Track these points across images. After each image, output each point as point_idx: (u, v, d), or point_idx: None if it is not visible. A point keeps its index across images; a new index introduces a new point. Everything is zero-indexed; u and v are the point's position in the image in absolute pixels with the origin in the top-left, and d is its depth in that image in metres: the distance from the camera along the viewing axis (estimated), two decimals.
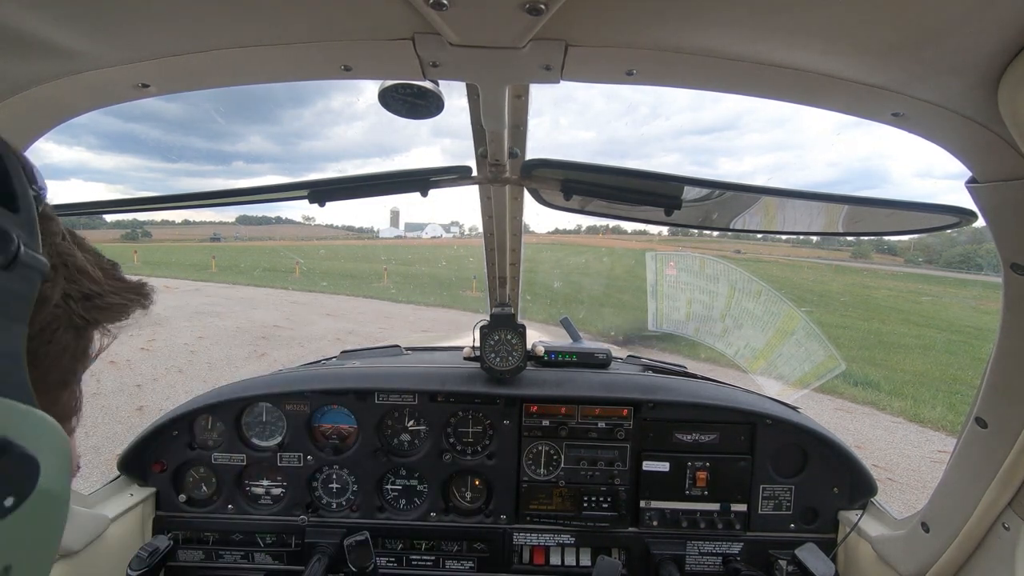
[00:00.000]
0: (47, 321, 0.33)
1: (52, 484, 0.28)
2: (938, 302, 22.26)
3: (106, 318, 0.40)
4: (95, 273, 0.39)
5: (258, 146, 57.20)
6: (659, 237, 6.87)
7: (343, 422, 1.70)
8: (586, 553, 1.67)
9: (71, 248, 0.38)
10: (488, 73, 0.76)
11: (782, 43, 0.66)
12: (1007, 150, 0.75)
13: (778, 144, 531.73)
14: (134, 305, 0.42)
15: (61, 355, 0.35)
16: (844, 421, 6.77)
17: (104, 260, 0.42)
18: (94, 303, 0.38)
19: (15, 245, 0.28)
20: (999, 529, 1.05)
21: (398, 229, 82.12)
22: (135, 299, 0.42)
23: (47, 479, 0.27)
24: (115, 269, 0.43)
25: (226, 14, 0.66)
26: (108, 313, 0.39)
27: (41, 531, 0.27)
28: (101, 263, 0.41)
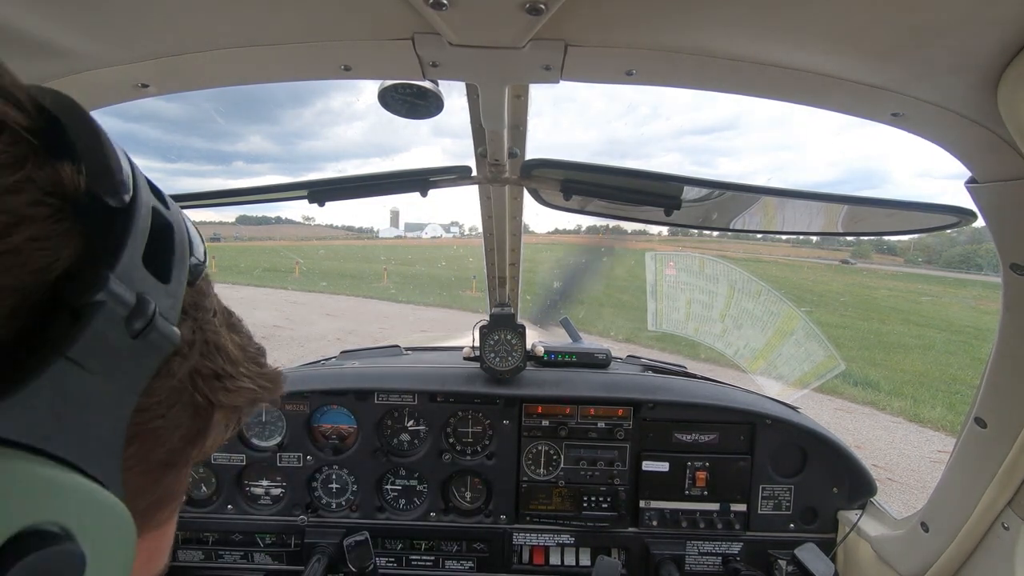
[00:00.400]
0: (164, 395, 0.31)
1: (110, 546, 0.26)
2: (938, 302, 22.28)
3: (231, 401, 0.37)
4: (235, 354, 0.37)
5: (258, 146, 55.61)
6: (659, 237, 6.82)
7: (343, 422, 1.69)
8: (586, 553, 1.67)
9: (217, 326, 0.36)
10: (488, 73, 0.76)
11: (782, 43, 0.66)
12: (1007, 150, 0.75)
13: (778, 144, 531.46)
14: (265, 394, 0.40)
15: (172, 433, 0.33)
16: (844, 421, 6.77)
17: (252, 345, 0.41)
18: (223, 384, 0.36)
19: (151, 314, 0.27)
20: (998, 529, 1.05)
21: (398, 229, 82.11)
22: (268, 388, 0.41)
23: None
24: (260, 355, 0.41)
25: (226, 14, 0.66)
26: (235, 396, 0.37)
27: None
28: (247, 347, 0.40)
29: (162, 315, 0.28)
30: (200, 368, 0.34)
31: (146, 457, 0.32)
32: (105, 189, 0.26)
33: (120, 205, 0.27)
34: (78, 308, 0.24)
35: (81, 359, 0.24)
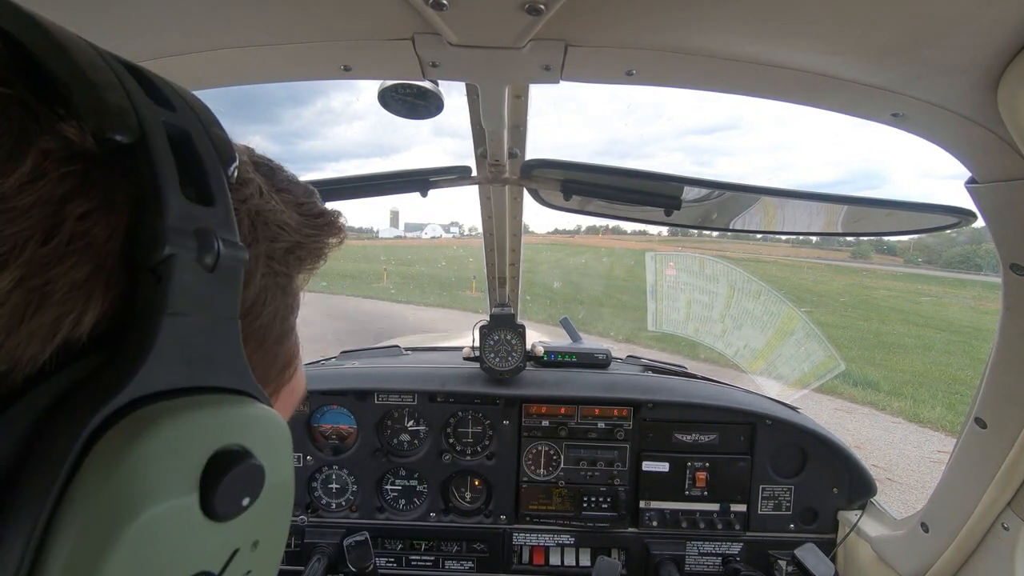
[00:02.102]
0: (255, 295, 0.34)
1: (279, 478, 0.31)
2: (938, 302, 22.28)
3: (307, 265, 0.40)
4: (292, 220, 0.38)
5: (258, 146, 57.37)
6: (659, 237, 6.82)
7: (343, 422, 1.69)
8: (586, 553, 1.67)
9: (267, 202, 0.36)
10: (488, 73, 0.76)
11: (782, 43, 0.66)
12: (1007, 150, 0.75)
13: (779, 144, 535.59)
14: (333, 242, 0.42)
15: (273, 319, 0.36)
16: (844, 421, 6.77)
17: (301, 193, 0.41)
18: (296, 254, 0.38)
19: (217, 246, 0.28)
20: (999, 529, 1.05)
21: (398, 229, 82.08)
22: (332, 238, 0.42)
23: (274, 475, 0.30)
24: (311, 201, 0.41)
25: (226, 14, 0.66)
26: (308, 260, 0.40)
27: (275, 511, 0.32)
28: (298, 199, 0.40)
29: (223, 239, 0.28)
30: (272, 253, 0.35)
31: (261, 347, 0.36)
32: (112, 125, 0.25)
33: (134, 138, 0.26)
34: (154, 268, 0.25)
35: (179, 310, 0.26)
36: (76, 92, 0.24)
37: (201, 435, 0.27)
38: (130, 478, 0.23)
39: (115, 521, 0.23)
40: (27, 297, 0.22)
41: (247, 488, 0.28)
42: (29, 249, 0.22)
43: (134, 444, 0.24)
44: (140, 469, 0.24)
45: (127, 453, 0.24)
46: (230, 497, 0.27)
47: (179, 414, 0.26)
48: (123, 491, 0.23)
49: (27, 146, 0.23)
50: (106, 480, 0.23)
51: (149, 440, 0.24)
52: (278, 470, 0.31)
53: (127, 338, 0.25)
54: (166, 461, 0.25)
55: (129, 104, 0.26)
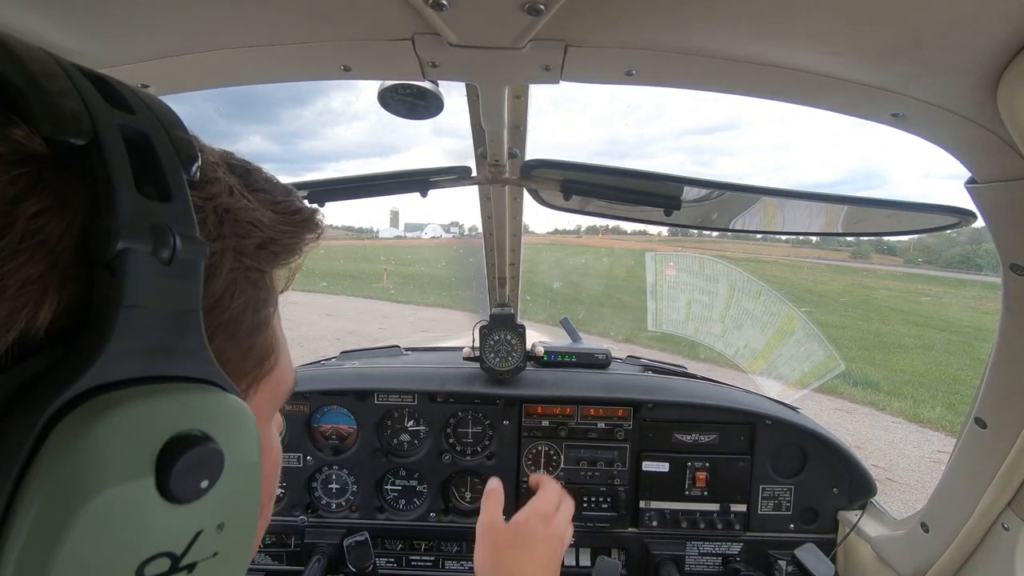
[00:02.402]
0: (221, 289, 0.34)
1: (242, 462, 0.32)
2: (938, 302, 22.28)
3: (281, 261, 0.40)
4: (266, 217, 0.39)
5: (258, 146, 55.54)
6: (659, 237, 6.81)
7: (343, 422, 1.69)
8: (585, 553, 1.67)
9: (238, 200, 0.37)
10: (487, 73, 0.76)
11: (782, 43, 0.66)
12: (1007, 150, 0.75)
13: (779, 144, 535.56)
14: (308, 241, 0.43)
15: (244, 311, 0.36)
16: (844, 421, 6.77)
17: (278, 192, 0.42)
18: (268, 250, 0.38)
19: (172, 241, 0.29)
20: (999, 529, 1.05)
21: (398, 229, 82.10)
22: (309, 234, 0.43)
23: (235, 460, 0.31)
24: (288, 200, 0.42)
25: (226, 14, 0.66)
26: (283, 256, 0.40)
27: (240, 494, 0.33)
28: (274, 198, 0.41)
29: (180, 234, 0.29)
30: (241, 248, 0.36)
31: (233, 339, 0.36)
32: (64, 129, 0.26)
33: (87, 139, 0.27)
34: (108, 262, 0.26)
35: (136, 303, 0.27)
36: (31, 99, 0.26)
37: (157, 420, 0.27)
38: (85, 460, 0.24)
39: (71, 502, 0.24)
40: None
41: (205, 471, 0.29)
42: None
43: (89, 428, 0.25)
44: (95, 452, 0.25)
45: (82, 437, 0.25)
46: (187, 480, 0.28)
47: (135, 400, 0.27)
48: (79, 473, 0.24)
49: None
50: (62, 463, 0.24)
51: (104, 424, 0.25)
52: (240, 455, 0.31)
53: (85, 331, 0.26)
54: (121, 444, 0.26)
55: (83, 108, 0.27)
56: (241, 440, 0.32)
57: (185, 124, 0.34)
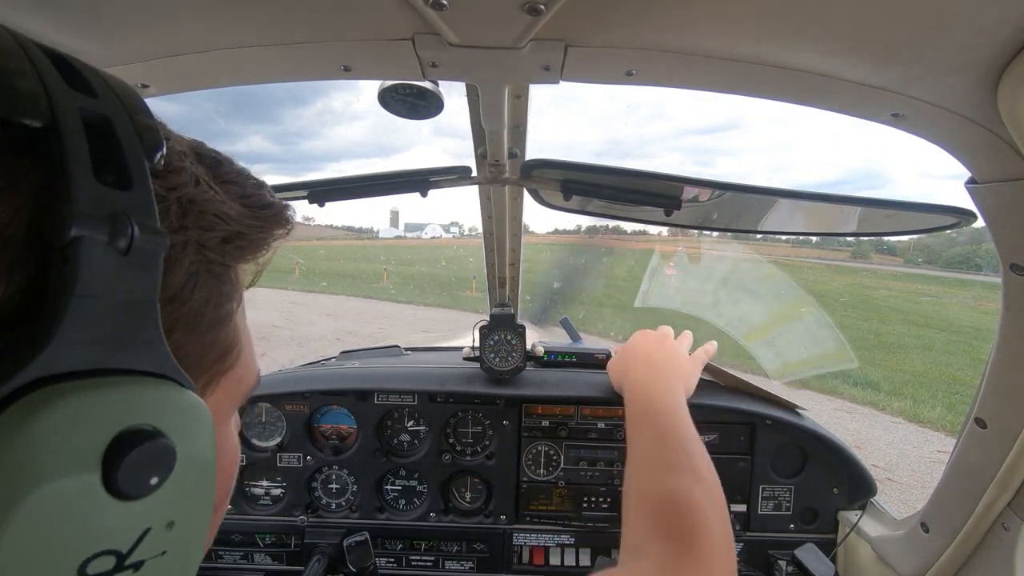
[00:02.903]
0: (182, 282, 0.34)
1: (195, 459, 0.31)
2: (938, 302, 22.27)
3: (248, 256, 0.40)
4: (233, 210, 0.38)
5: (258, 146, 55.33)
6: (659, 237, 6.83)
7: (343, 422, 1.70)
8: (586, 553, 1.67)
9: (204, 192, 0.36)
10: (487, 73, 0.76)
11: (782, 44, 0.66)
12: (1007, 150, 0.75)
13: (780, 144, 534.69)
14: (279, 235, 0.42)
15: (205, 305, 0.36)
16: (844, 421, 6.77)
17: (248, 185, 0.40)
18: (234, 244, 0.37)
19: (129, 230, 0.28)
20: (999, 529, 1.05)
21: (398, 229, 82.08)
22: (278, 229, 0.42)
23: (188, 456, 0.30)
24: (259, 194, 0.41)
25: (226, 14, 0.66)
26: (249, 251, 0.39)
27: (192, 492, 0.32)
28: (244, 191, 0.40)
29: (140, 223, 0.28)
30: (204, 241, 0.35)
31: (192, 333, 0.35)
32: (19, 110, 0.25)
33: (44, 122, 0.26)
34: (62, 249, 0.25)
35: (89, 292, 0.26)
36: None
37: (105, 414, 0.27)
38: (26, 453, 0.24)
39: (9, 495, 0.23)
40: None
41: (154, 467, 0.28)
42: None
43: (33, 418, 0.24)
44: (37, 444, 0.24)
45: (25, 428, 0.24)
46: (135, 476, 0.27)
47: (83, 393, 0.26)
48: (18, 466, 0.23)
49: None
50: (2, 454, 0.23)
51: (49, 415, 0.24)
52: (193, 452, 0.31)
53: (34, 320, 0.25)
54: (65, 438, 0.25)
55: (41, 89, 0.26)
56: (195, 437, 0.31)
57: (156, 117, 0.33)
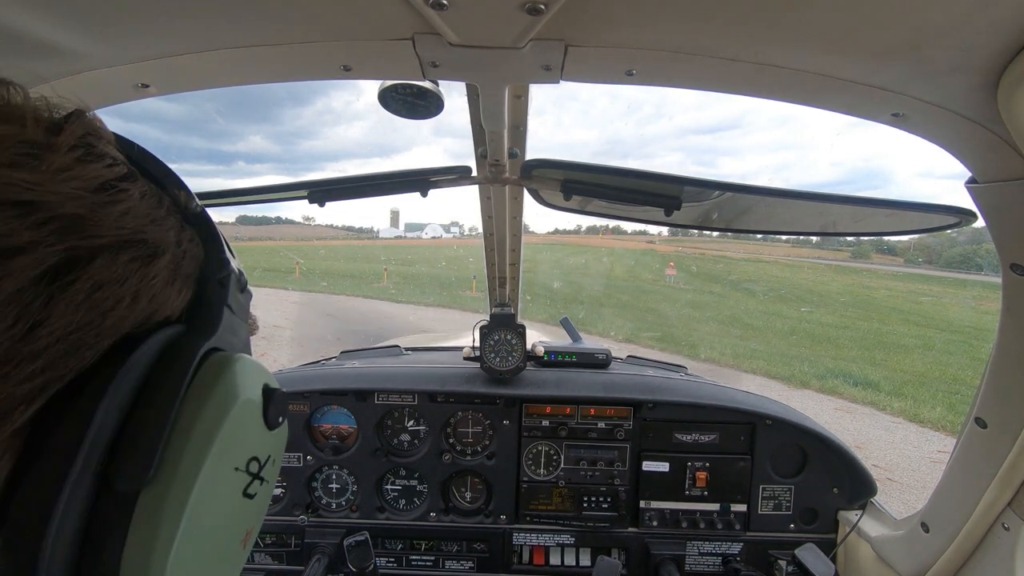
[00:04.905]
0: None
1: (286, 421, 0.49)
2: (938, 302, 22.27)
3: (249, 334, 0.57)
4: None
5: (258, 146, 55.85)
6: (659, 237, 6.81)
7: (343, 422, 1.70)
8: (586, 553, 1.67)
9: None
10: (488, 73, 0.76)
11: (782, 44, 0.66)
12: (1007, 150, 0.75)
13: (781, 144, 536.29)
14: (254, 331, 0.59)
15: None
16: (844, 421, 6.77)
17: None
18: None
19: (245, 279, 0.49)
20: (999, 529, 1.05)
21: (398, 229, 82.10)
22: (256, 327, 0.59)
23: None
24: None
25: (226, 14, 0.66)
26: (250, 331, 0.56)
27: (283, 443, 0.50)
28: None
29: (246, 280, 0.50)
30: None
31: None
32: (190, 201, 0.44)
33: (200, 212, 0.45)
34: (220, 279, 0.44)
35: (232, 305, 0.45)
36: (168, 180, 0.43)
37: (257, 370, 0.44)
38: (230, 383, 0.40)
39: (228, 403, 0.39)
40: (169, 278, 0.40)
41: (281, 410, 0.46)
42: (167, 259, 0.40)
43: (230, 365, 0.40)
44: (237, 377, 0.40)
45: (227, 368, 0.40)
46: (275, 412, 0.44)
47: (245, 359, 0.42)
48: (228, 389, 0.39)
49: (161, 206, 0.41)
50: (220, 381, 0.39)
51: (236, 364, 0.41)
52: None
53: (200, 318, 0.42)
54: (245, 378, 0.41)
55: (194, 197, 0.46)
56: (287, 406, 0.49)
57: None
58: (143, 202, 0.38)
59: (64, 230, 0.32)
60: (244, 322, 0.49)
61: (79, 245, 0.33)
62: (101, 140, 0.38)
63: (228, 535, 0.41)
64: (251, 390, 0.41)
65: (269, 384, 0.44)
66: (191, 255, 0.42)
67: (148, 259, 0.37)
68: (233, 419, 0.38)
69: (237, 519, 0.42)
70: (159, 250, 0.38)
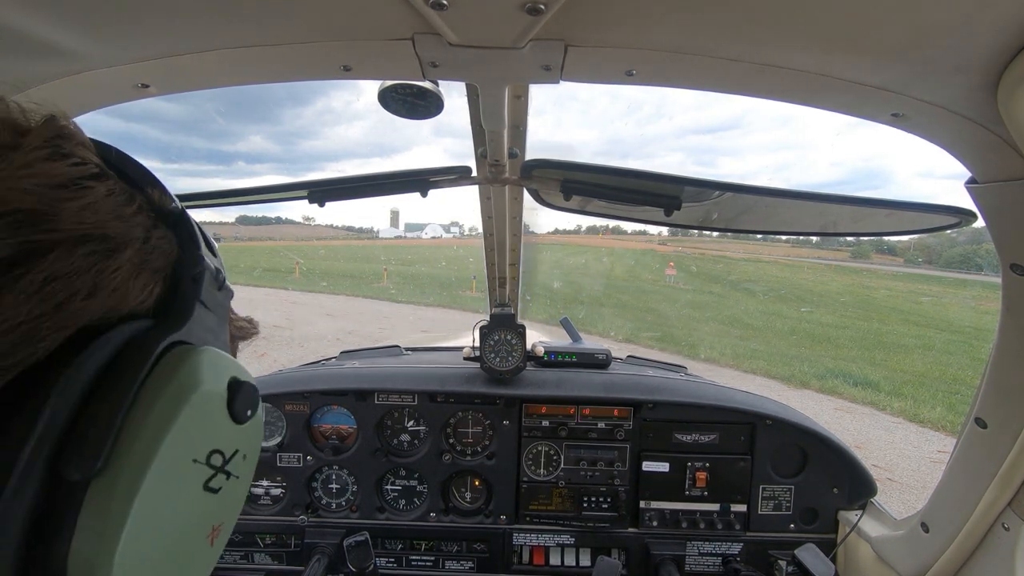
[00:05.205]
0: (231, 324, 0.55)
1: (260, 412, 0.48)
2: (938, 302, 22.27)
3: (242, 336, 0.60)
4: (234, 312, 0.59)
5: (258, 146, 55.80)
6: (659, 237, 6.79)
7: (343, 422, 1.70)
8: (586, 553, 1.67)
9: None
10: (487, 73, 0.76)
11: (782, 43, 0.66)
12: (1007, 150, 0.75)
13: (782, 144, 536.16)
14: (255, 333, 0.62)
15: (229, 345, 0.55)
16: (844, 421, 6.77)
17: None
18: (237, 325, 0.58)
19: (223, 276, 0.49)
20: (999, 529, 1.05)
21: (398, 229, 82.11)
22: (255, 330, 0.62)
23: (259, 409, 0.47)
24: None
25: (226, 14, 0.66)
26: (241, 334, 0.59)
27: (257, 440, 0.49)
28: None
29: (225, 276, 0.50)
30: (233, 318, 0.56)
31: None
32: (167, 201, 0.45)
33: (178, 211, 0.46)
34: (194, 275, 0.45)
35: (206, 301, 0.46)
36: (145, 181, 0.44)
37: (224, 363, 0.44)
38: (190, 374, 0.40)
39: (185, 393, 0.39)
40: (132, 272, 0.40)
41: (250, 404, 0.45)
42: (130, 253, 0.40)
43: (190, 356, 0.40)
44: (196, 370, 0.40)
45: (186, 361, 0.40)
46: (242, 405, 0.44)
47: (213, 352, 0.43)
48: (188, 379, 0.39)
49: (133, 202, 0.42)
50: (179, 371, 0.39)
51: (199, 355, 0.41)
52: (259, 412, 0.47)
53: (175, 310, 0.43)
54: (208, 370, 0.41)
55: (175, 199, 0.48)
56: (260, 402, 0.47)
57: None
58: (109, 199, 0.39)
59: (18, 224, 0.33)
60: (223, 319, 0.49)
61: (34, 239, 0.34)
62: (71, 142, 0.39)
63: (189, 529, 0.41)
64: (214, 382, 0.41)
65: (238, 377, 0.44)
66: (161, 251, 0.43)
67: (108, 253, 0.38)
68: (190, 410, 0.38)
69: (200, 513, 0.41)
70: (121, 245, 0.39)
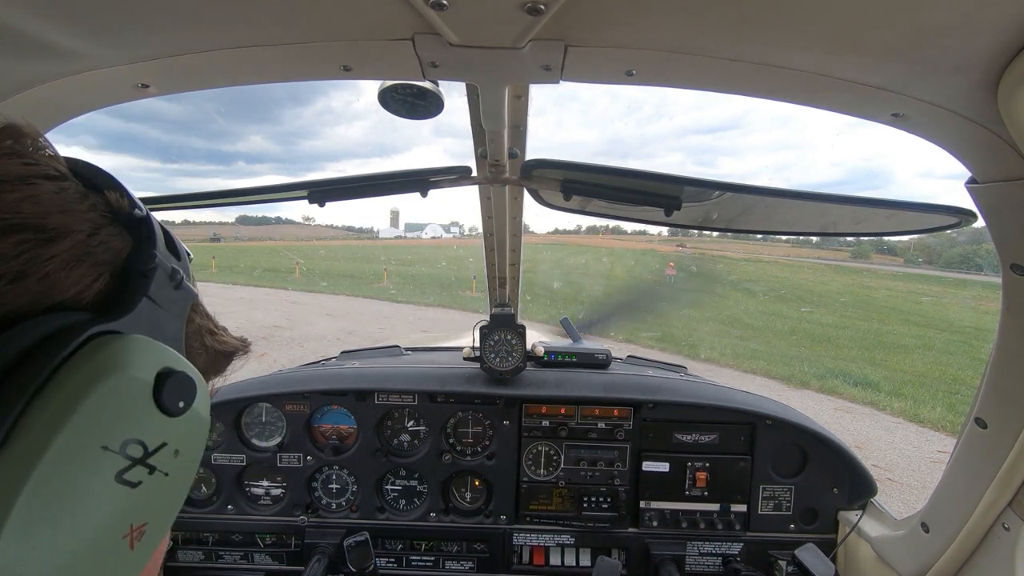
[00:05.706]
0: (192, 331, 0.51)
1: (201, 408, 0.46)
2: (938, 302, 22.27)
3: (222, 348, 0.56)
4: (218, 323, 0.57)
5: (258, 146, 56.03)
6: (659, 237, 6.78)
7: (343, 422, 1.70)
8: (586, 553, 1.67)
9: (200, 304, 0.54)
10: (488, 73, 0.76)
11: (782, 44, 0.66)
12: (1007, 150, 0.75)
13: (781, 144, 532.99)
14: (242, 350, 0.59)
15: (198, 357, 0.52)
16: (844, 421, 6.77)
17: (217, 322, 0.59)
18: (216, 338, 0.55)
19: (180, 274, 0.48)
20: (999, 529, 1.05)
21: (398, 229, 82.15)
22: (242, 347, 0.59)
23: (199, 402, 0.45)
24: None
25: (226, 14, 0.66)
26: (223, 348, 0.56)
27: (196, 435, 0.46)
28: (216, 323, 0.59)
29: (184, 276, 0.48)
30: (202, 325, 0.54)
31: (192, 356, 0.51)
32: (132, 207, 0.46)
33: (142, 215, 0.47)
34: (145, 271, 0.45)
35: (154, 297, 0.45)
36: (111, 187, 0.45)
37: (157, 351, 0.43)
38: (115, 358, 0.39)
39: (99, 375, 0.38)
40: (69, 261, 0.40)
41: (183, 395, 0.43)
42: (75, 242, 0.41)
43: (118, 343, 0.40)
44: (120, 355, 0.39)
45: (112, 346, 0.39)
46: (173, 395, 0.42)
47: (147, 341, 0.42)
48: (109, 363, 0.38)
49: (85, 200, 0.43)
50: (101, 354, 0.38)
51: (130, 342, 0.40)
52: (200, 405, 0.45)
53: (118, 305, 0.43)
54: (136, 357, 0.40)
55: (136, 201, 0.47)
56: (201, 393, 0.46)
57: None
58: (58, 195, 0.41)
59: None
60: (176, 317, 0.48)
61: None
62: (25, 145, 0.41)
63: (99, 523, 0.39)
64: (138, 369, 0.40)
65: (173, 368, 0.43)
66: (109, 247, 0.43)
67: (43, 242, 0.39)
68: (103, 394, 0.38)
69: (112, 508, 0.40)
70: (59, 236, 0.40)
